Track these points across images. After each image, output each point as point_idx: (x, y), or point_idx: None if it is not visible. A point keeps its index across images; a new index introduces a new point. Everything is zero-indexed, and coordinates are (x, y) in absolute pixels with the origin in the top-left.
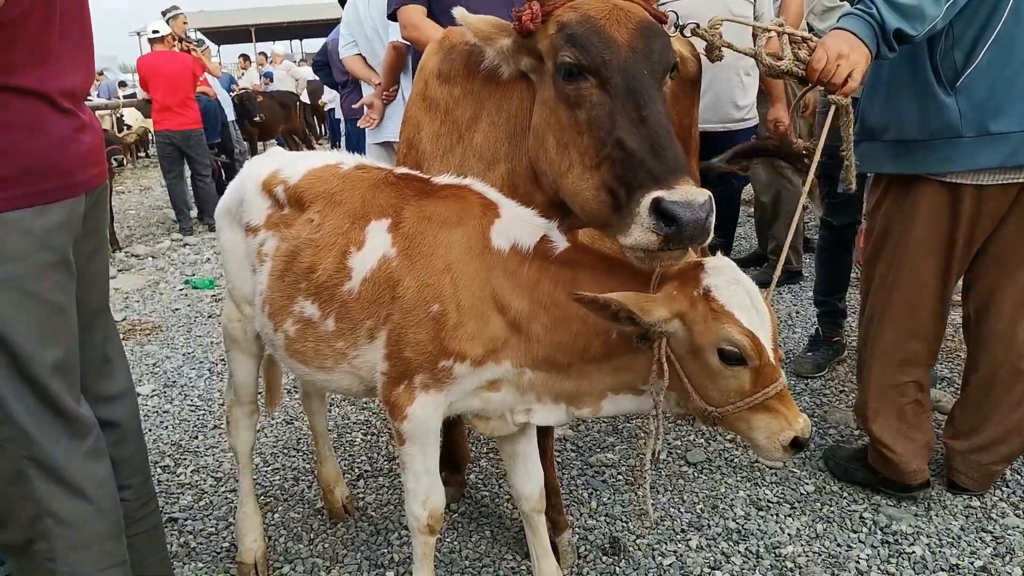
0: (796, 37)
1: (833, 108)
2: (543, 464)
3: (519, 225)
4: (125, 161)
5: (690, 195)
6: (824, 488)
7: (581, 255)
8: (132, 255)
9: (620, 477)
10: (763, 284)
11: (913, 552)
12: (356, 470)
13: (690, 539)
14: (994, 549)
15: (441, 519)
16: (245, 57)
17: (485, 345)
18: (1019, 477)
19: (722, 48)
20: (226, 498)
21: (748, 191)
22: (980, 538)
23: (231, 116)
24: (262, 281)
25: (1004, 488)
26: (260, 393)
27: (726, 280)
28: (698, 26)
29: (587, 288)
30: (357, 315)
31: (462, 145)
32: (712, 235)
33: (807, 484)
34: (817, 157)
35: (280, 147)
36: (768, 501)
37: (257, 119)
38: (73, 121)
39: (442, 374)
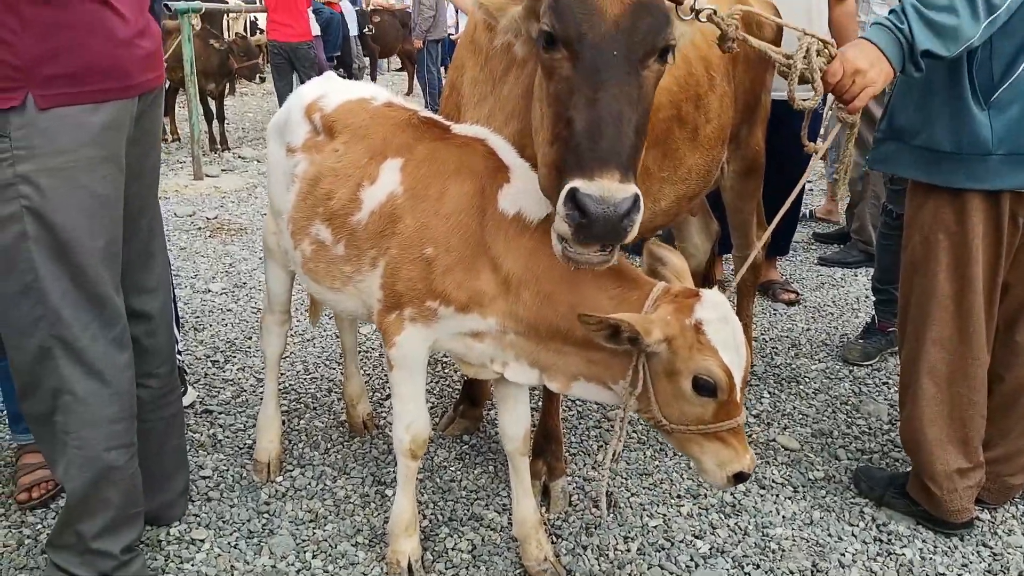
0: (819, 43)
1: (839, 125)
2: (548, 409)
3: (528, 195)
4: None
5: (608, 190)
6: (833, 477)
7: None
8: (239, 156)
9: (634, 435)
10: (837, 263)
11: (903, 555)
12: (385, 390)
13: (682, 505)
14: (988, 565)
15: (424, 445)
16: None
17: (471, 296)
18: None
19: (737, 40)
20: (262, 398)
21: None
22: (977, 552)
23: (354, 31)
24: (289, 200)
25: (1020, 504)
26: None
27: (718, 317)
28: (715, 12)
29: (583, 279)
30: (363, 244)
31: (494, 95)
32: (631, 237)
33: (817, 470)
34: (812, 162)
35: (334, 73)
36: (773, 481)
37: (366, 31)
38: (132, 26)
39: (428, 312)
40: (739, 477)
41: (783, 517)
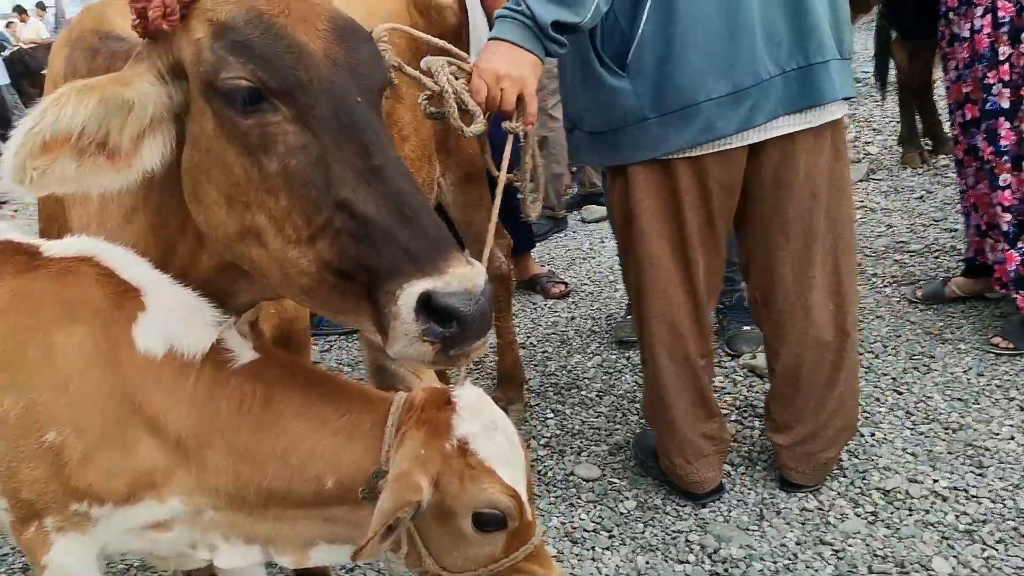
0: (447, 63)
1: (511, 137)
2: None
3: (177, 320)
4: None
5: (468, 279)
6: (646, 502)
7: (279, 369)
8: None
9: None
10: (542, 236)
11: None
12: None
13: None
14: (835, 567)
15: None
16: (20, 10)
17: (132, 481)
18: (856, 462)
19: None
20: None
21: None
22: (819, 553)
23: (4, 80)
24: None
25: (841, 479)
26: None
27: (482, 425)
28: None
29: (291, 415)
30: None
31: None
32: None
33: (627, 499)
34: (501, 184)
35: None
36: (584, 529)
37: (44, 72)
38: None
39: (77, 517)
40: None
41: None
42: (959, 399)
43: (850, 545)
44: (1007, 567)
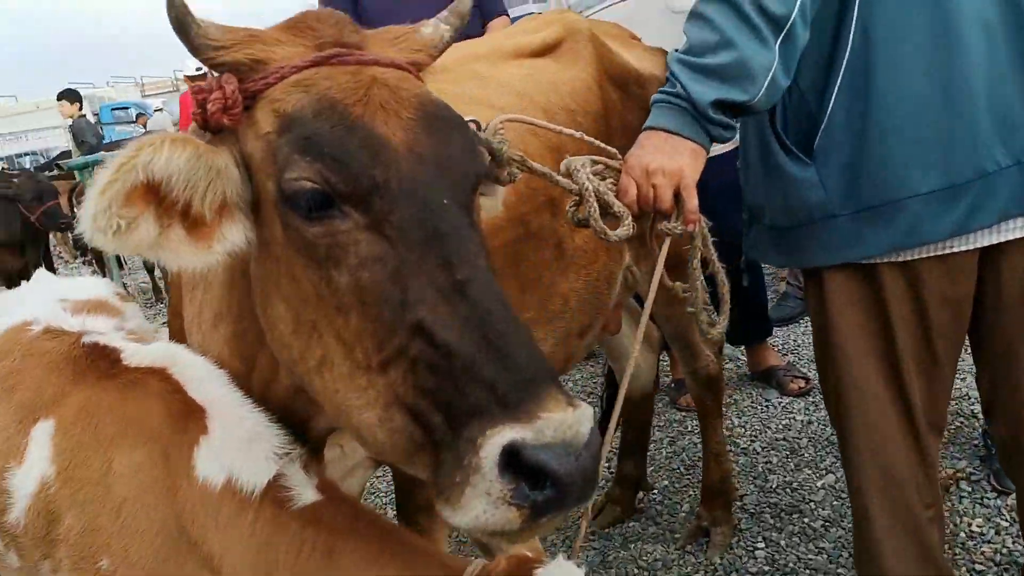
0: (590, 162)
1: (667, 240)
2: None
3: (239, 449)
4: None
5: (567, 428)
6: None
7: (341, 516)
8: None
9: None
10: (780, 321)
11: None
12: None
13: None
14: None
15: None
16: None
17: None
18: None
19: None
20: None
21: None
22: None
23: None
24: None
25: None
26: None
27: None
28: (479, 127)
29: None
30: (32, 553)
31: (204, 283)
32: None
33: None
34: (651, 296)
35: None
36: None
37: None
38: None
39: None
40: None
41: None
42: None
43: None
44: None
